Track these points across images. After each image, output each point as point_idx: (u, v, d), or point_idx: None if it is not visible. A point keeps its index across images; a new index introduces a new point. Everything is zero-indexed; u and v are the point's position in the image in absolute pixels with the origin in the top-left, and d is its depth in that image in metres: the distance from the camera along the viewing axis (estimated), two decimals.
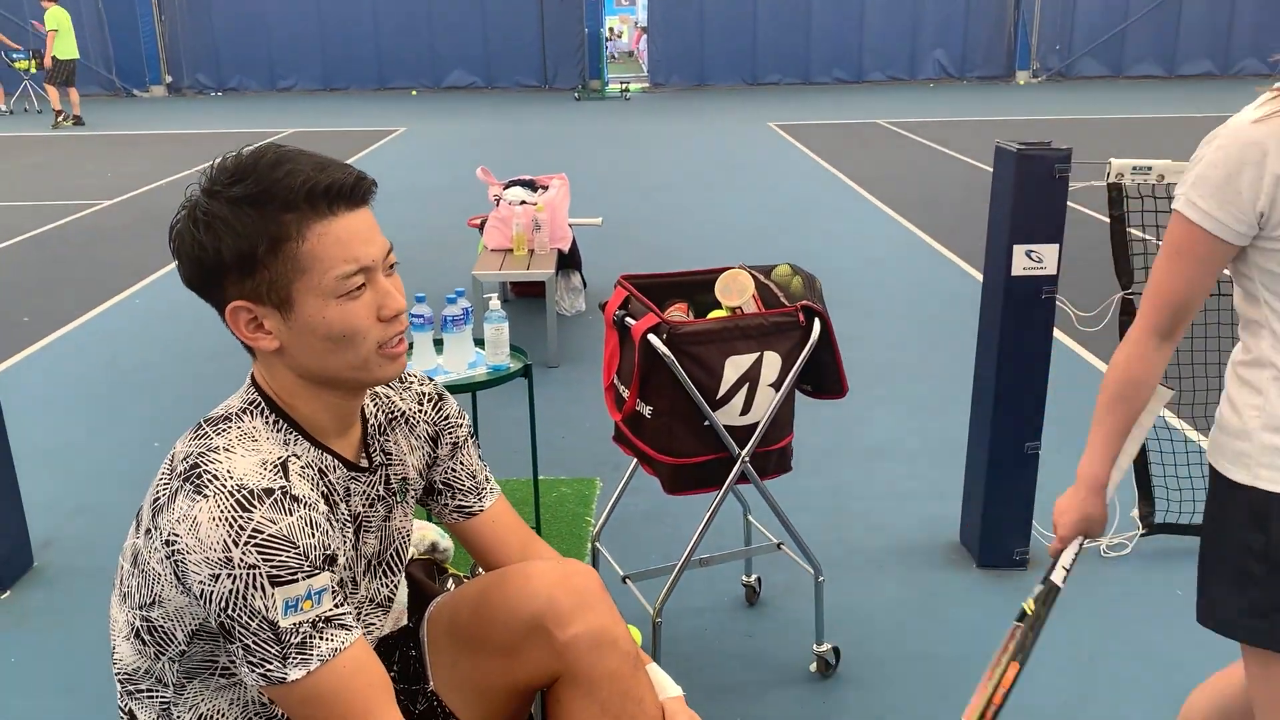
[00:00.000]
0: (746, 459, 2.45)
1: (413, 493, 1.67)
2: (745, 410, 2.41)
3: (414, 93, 20.33)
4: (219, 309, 1.41)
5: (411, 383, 1.70)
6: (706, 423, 2.39)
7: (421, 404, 1.68)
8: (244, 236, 1.33)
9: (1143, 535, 3.27)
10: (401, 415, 1.65)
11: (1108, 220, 3.11)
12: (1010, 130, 13.28)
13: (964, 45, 20.80)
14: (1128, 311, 3.12)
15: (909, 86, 20.42)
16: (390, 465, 1.61)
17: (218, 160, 1.38)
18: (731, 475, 2.46)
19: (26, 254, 7.48)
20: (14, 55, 16.43)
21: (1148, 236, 3.30)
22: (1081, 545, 1.80)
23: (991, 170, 3.03)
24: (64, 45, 14.86)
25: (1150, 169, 2.92)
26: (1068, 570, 1.77)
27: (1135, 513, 3.30)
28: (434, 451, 1.70)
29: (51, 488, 3.78)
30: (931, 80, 20.90)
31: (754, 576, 3.02)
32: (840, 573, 3.14)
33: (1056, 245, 2.91)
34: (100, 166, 11.53)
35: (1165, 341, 1.64)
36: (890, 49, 20.68)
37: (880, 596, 3.04)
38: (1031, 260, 2.92)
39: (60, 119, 14.98)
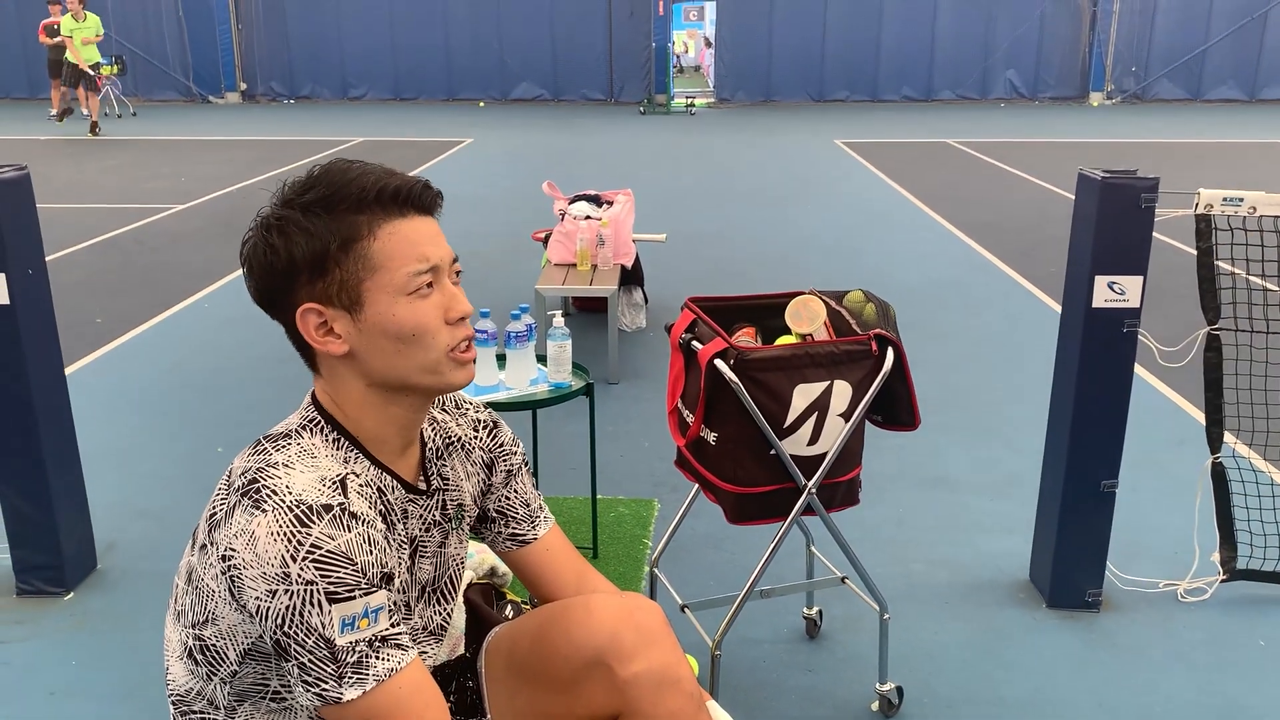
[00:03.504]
0: (813, 490, 2.39)
1: (468, 519, 1.65)
2: (813, 440, 2.35)
3: (481, 104, 20.53)
4: (287, 319, 1.41)
5: (467, 409, 1.68)
6: (773, 451, 2.33)
7: (477, 430, 1.67)
8: (316, 237, 1.35)
9: (1223, 581, 3.13)
10: (458, 441, 1.63)
11: (1187, 248, 2.99)
12: (1085, 153, 13.01)
13: (1037, 65, 20.50)
14: (1213, 347, 3.01)
15: (979, 106, 20.15)
16: (447, 490, 1.59)
17: (288, 180, 1.40)
18: (797, 506, 2.40)
19: (101, 256, 7.64)
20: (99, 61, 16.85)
21: (1237, 270, 3.18)
22: None
23: (1065, 194, 2.94)
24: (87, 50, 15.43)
25: (1242, 200, 2.80)
26: None
27: (1216, 557, 3.16)
28: (488, 478, 1.68)
29: (117, 490, 3.83)
30: (1003, 100, 20.63)
31: (815, 609, 2.95)
32: (904, 608, 3.05)
33: (1140, 277, 2.81)
34: (175, 170, 11.79)
35: None
36: (961, 68, 20.45)
37: (945, 635, 2.95)
38: (1114, 292, 2.82)
39: (95, 128, 15.21)
